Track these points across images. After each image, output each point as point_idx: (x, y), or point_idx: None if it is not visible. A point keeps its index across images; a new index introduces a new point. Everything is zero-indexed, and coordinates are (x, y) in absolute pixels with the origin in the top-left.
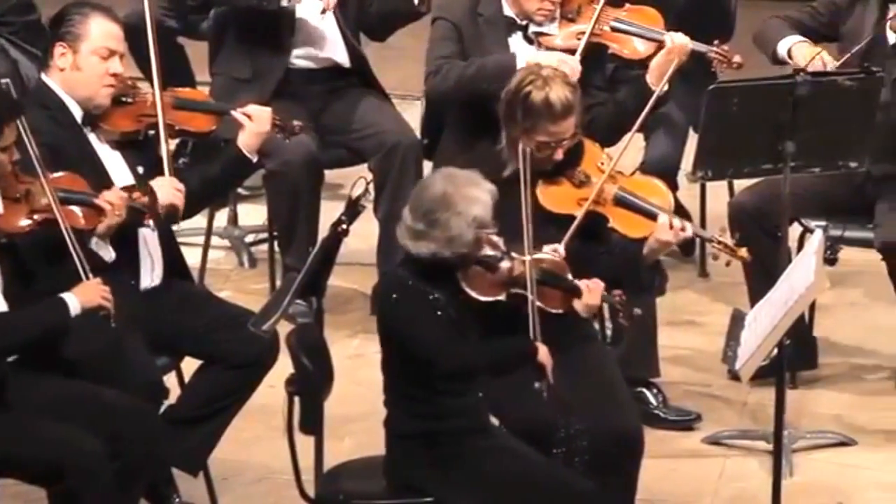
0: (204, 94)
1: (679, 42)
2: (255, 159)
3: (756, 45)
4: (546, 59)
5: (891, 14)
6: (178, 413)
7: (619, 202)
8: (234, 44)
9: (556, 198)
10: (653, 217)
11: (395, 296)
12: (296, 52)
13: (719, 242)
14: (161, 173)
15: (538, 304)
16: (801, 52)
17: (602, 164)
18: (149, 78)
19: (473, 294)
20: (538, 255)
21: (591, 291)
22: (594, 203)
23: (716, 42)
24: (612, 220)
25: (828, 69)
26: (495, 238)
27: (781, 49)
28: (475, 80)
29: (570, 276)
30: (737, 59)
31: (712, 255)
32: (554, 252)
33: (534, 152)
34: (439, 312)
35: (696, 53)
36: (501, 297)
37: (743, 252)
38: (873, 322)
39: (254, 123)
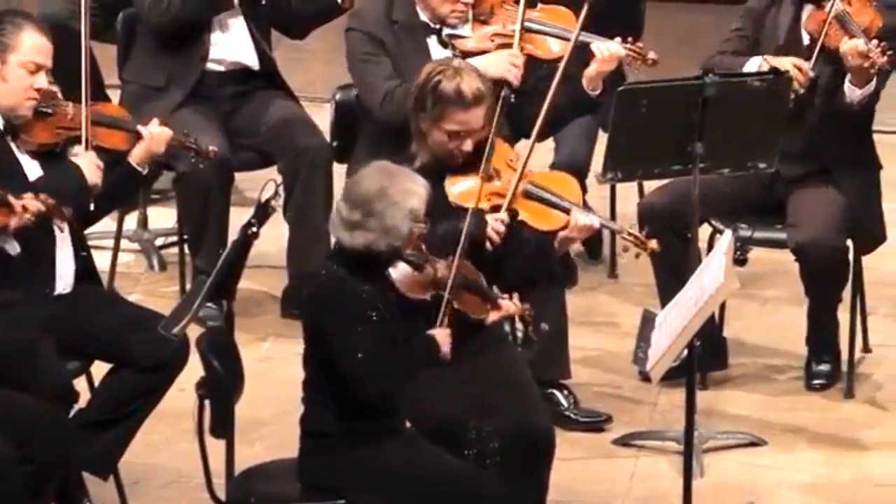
0: (123, 112)
1: (612, 52)
2: (144, 172)
3: None
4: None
5: (805, 14)
6: (89, 417)
7: (529, 196)
8: (146, 50)
9: (466, 192)
10: (563, 210)
11: (331, 299)
12: None
13: (629, 234)
14: None
15: (460, 307)
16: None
17: (512, 160)
18: (59, 83)
19: (402, 290)
20: (460, 262)
21: (505, 304)
22: (502, 197)
23: (629, 39)
24: (522, 214)
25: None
26: (419, 240)
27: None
28: None
29: (484, 283)
30: (651, 55)
31: (622, 248)
32: (499, 220)
33: (443, 144)
34: (374, 314)
35: None
36: (426, 297)
37: (652, 244)
38: (783, 322)
39: (151, 142)
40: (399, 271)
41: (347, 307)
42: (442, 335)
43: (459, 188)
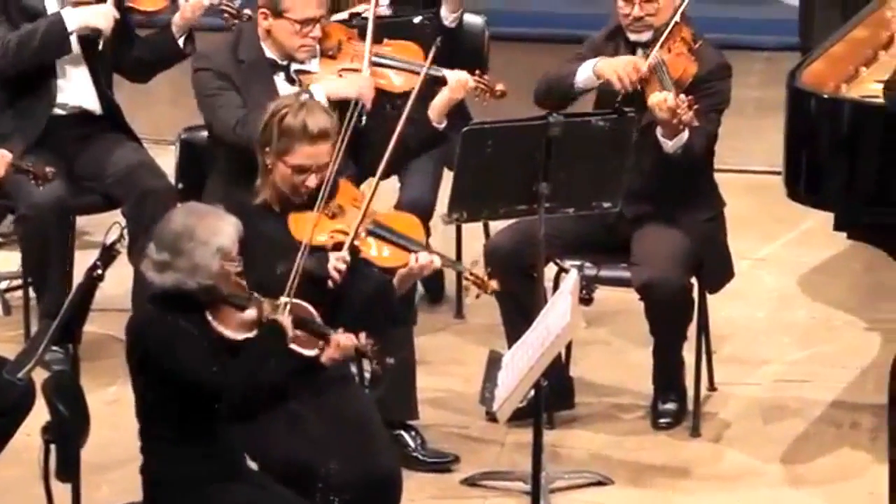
0: None
1: (460, 78)
2: None
3: (543, 95)
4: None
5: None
6: None
7: (372, 234)
8: None
9: (308, 229)
10: (405, 248)
11: (148, 327)
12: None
13: (470, 274)
14: None
15: (292, 346)
16: (608, 63)
17: (356, 198)
18: None
19: (222, 331)
20: (289, 300)
21: (342, 342)
22: (346, 234)
23: (477, 71)
24: (364, 252)
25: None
26: (240, 279)
27: (582, 75)
28: None
29: (319, 321)
30: (500, 86)
31: (464, 287)
32: (340, 259)
33: (289, 179)
34: (195, 333)
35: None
36: (251, 336)
37: (493, 284)
38: (628, 361)
39: None
40: (218, 312)
41: (169, 331)
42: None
43: (302, 224)
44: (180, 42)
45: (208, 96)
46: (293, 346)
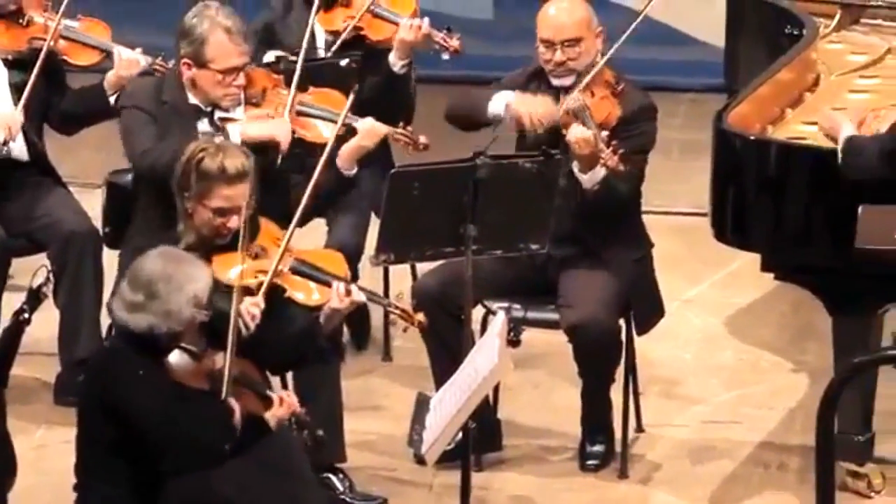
0: None
1: (371, 127)
2: None
3: (453, 110)
4: None
5: (561, 104)
6: None
7: (295, 272)
8: None
9: (231, 270)
10: (328, 284)
11: (114, 364)
12: None
13: (396, 308)
14: None
15: (237, 404)
16: (524, 101)
17: (278, 238)
18: None
19: (179, 378)
20: (239, 359)
21: (284, 404)
22: (269, 273)
23: (401, 124)
24: (289, 290)
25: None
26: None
27: (496, 103)
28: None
29: (264, 382)
30: (423, 139)
31: (391, 322)
32: (255, 304)
33: (209, 221)
34: (156, 381)
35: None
36: (205, 387)
37: (420, 317)
38: (556, 403)
39: None
40: (178, 358)
41: (133, 372)
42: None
43: (225, 266)
44: (111, 99)
45: (127, 129)
46: (236, 405)
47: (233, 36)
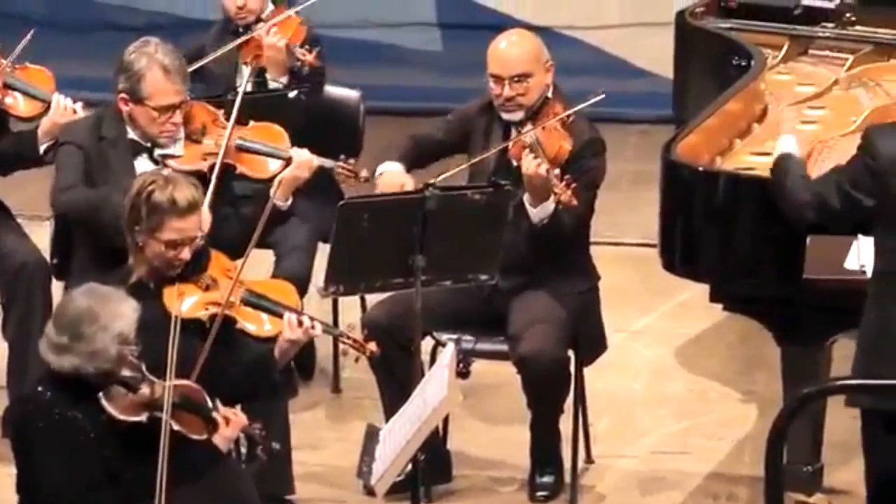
0: None
1: (304, 158)
2: None
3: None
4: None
5: (513, 139)
6: None
7: (247, 303)
8: None
9: (183, 302)
10: (280, 315)
11: (37, 423)
12: None
13: (348, 337)
14: None
15: (179, 428)
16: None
17: (229, 269)
18: None
19: (114, 413)
20: (179, 382)
21: (231, 424)
22: (220, 305)
23: (342, 157)
24: (240, 321)
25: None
26: (135, 360)
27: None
28: (94, 209)
29: (209, 403)
30: (363, 173)
31: (342, 352)
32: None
33: (161, 254)
34: (81, 437)
35: (323, 169)
36: (142, 419)
37: (371, 346)
38: (506, 434)
39: None
40: (111, 394)
41: (49, 434)
42: None
43: (178, 299)
44: (42, 147)
45: (57, 165)
46: (180, 429)
47: (170, 74)
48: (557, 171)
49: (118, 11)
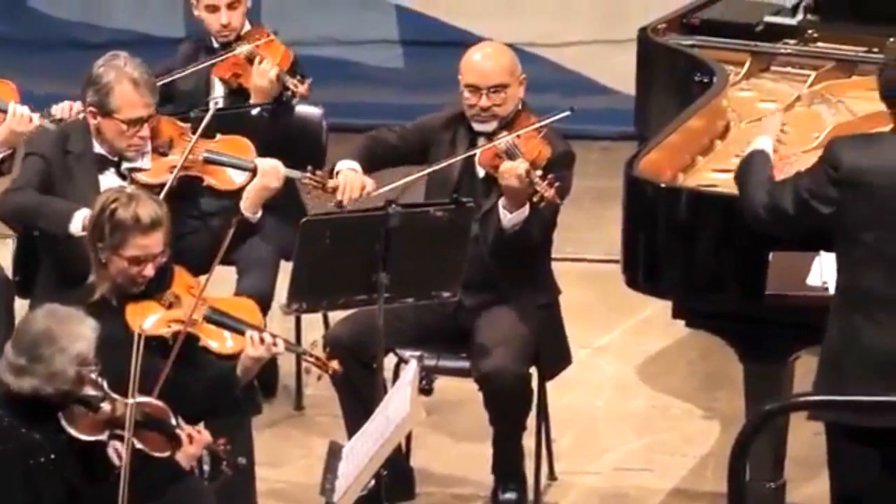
0: None
1: (269, 166)
2: None
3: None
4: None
5: (479, 147)
6: None
7: (210, 320)
8: None
9: (146, 319)
10: (242, 333)
11: None
12: None
13: (310, 355)
14: None
15: (142, 446)
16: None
17: (192, 286)
18: None
19: (74, 433)
20: (142, 399)
21: (194, 441)
22: (183, 322)
23: (309, 168)
24: (203, 339)
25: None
26: (97, 378)
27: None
28: (34, 213)
29: (172, 421)
30: (331, 183)
31: (305, 370)
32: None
33: (125, 271)
34: (41, 458)
35: (290, 180)
36: (102, 438)
37: (334, 364)
38: (469, 450)
39: None
40: (72, 413)
41: (8, 457)
42: None
43: (140, 315)
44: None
45: (20, 174)
46: (142, 447)
47: (139, 87)
48: (540, 171)
49: (80, 28)
